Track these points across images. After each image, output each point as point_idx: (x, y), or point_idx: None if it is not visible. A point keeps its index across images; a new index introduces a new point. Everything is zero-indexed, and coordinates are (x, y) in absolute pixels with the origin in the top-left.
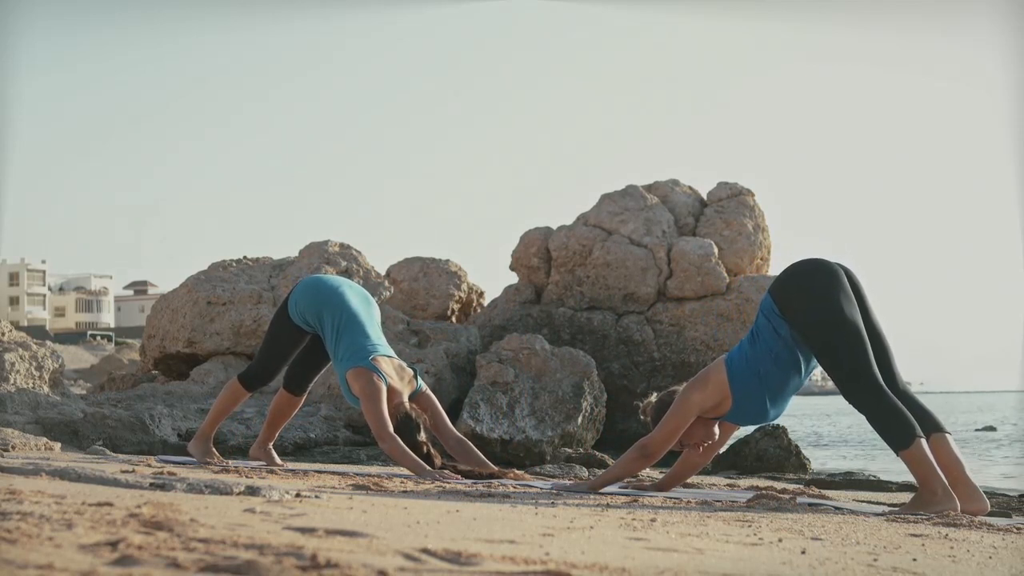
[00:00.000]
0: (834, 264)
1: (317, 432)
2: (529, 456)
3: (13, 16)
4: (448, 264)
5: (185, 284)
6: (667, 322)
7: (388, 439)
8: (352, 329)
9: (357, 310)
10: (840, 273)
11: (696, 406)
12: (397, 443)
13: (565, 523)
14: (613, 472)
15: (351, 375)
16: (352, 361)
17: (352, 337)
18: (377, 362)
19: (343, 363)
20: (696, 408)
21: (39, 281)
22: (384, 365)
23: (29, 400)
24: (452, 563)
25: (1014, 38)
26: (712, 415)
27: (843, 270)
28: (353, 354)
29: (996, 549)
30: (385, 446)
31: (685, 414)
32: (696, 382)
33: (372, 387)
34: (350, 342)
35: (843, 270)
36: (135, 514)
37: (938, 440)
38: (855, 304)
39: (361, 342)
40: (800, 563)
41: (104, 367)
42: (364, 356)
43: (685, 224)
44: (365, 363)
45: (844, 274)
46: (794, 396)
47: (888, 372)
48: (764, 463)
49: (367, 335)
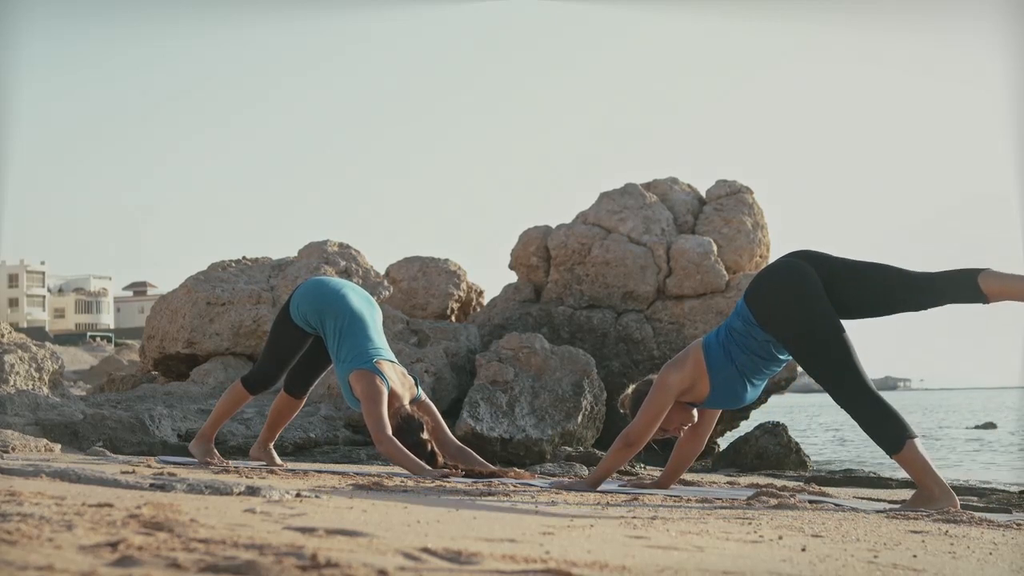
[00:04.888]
0: (801, 265)
1: (317, 432)
2: (529, 455)
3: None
4: (447, 263)
5: (184, 285)
6: (666, 320)
7: (386, 442)
8: (355, 332)
9: (360, 313)
10: (809, 274)
11: (675, 387)
12: (395, 445)
13: (565, 521)
14: (603, 466)
15: (353, 377)
16: (355, 363)
17: (354, 340)
18: (380, 365)
19: (345, 365)
20: (675, 389)
21: (38, 282)
22: (387, 369)
23: (29, 402)
24: (452, 562)
25: (1014, 38)
26: (689, 399)
27: (810, 259)
28: (356, 356)
29: (996, 545)
30: (383, 448)
31: (664, 396)
32: (673, 364)
33: (374, 389)
34: (352, 344)
35: (810, 259)
36: (135, 515)
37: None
38: (828, 304)
39: (364, 345)
40: (800, 560)
41: (104, 368)
42: (367, 359)
43: (684, 222)
44: (368, 365)
45: (812, 266)
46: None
47: (896, 276)
48: (764, 460)
49: (370, 338)
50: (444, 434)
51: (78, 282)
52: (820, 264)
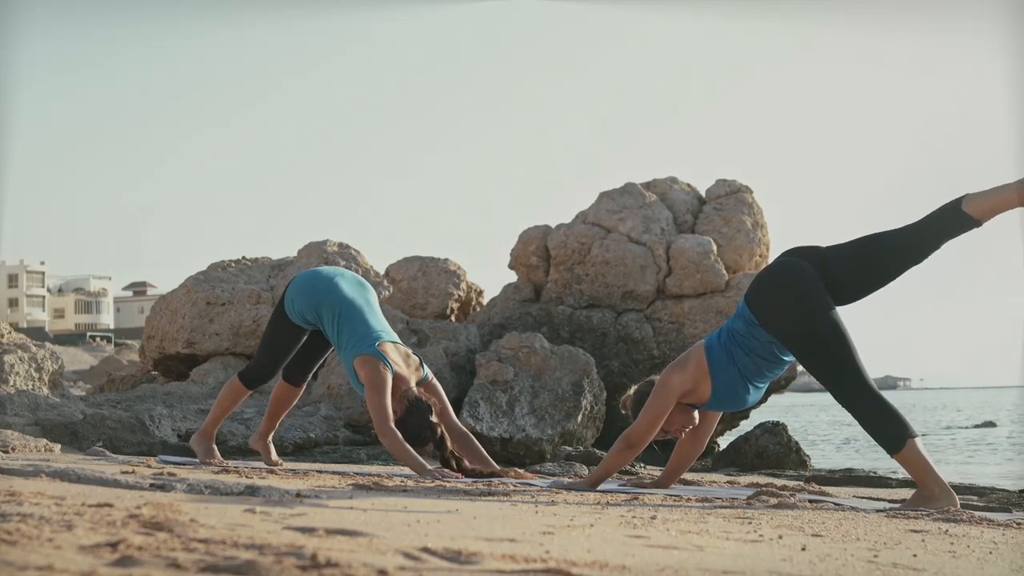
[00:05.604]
0: (800, 264)
1: (317, 432)
2: (529, 454)
3: (13, 16)
4: (447, 263)
5: (184, 285)
6: (666, 320)
7: (389, 433)
8: (352, 318)
9: (353, 299)
10: (808, 273)
11: (677, 388)
12: (397, 438)
13: (565, 521)
14: (604, 467)
15: (358, 362)
16: (358, 348)
17: (353, 325)
18: (383, 348)
19: (349, 352)
20: (677, 390)
21: (38, 283)
22: (390, 352)
23: (29, 402)
24: (452, 562)
25: (1014, 38)
26: (691, 400)
27: (804, 255)
28: (358, 341)
29: (996, 544)
30: (385, 440)
31: (666, 397)
32: (675, 365)
33: (377, 376)
34: (352, 331)
35: (804, 255)
36: (135, 515)
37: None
38: (830, 302)
39: (363, 329)
40: (800, 559)
41: (103, 368)
42: (370, 343)
43: (684, 221)
44: (371, 350)
45: (810, 263)
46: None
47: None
48: (764, 460)
49: (367, 322)
50: (450, 418)
51: (78, 282)
52: (814, 258)
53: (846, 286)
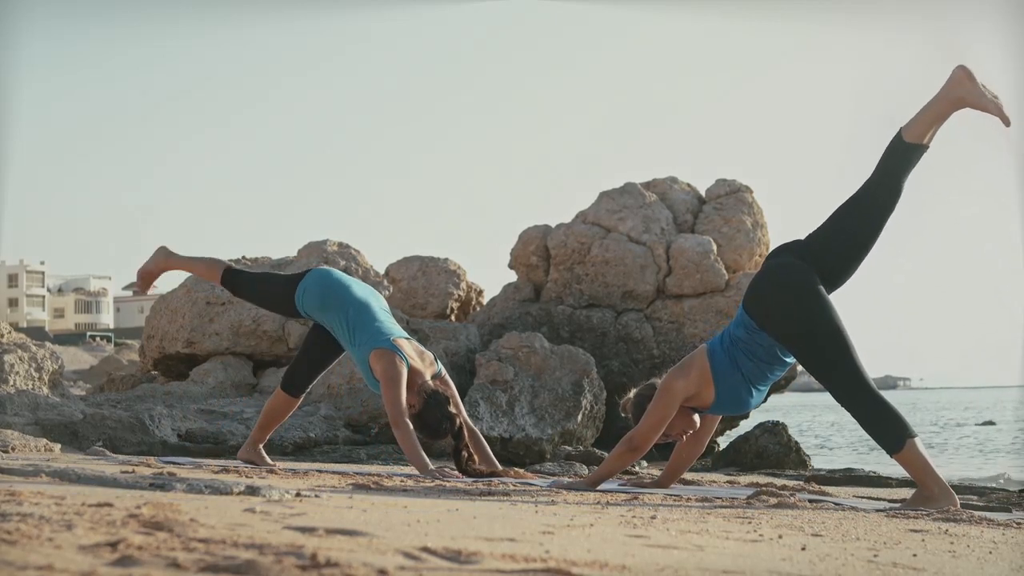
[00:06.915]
0: (795, 263)
1: (317, 432)
2: (529, 454)
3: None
4: (447, 263)
5: (184, 284)
6: (666, 319)
7: (403, 427)
8: (367, 317)
9: (366, 300)
10: (805, 272)
11: (680, 393)
12: (410, 433)
13: (565, 521)
14: (605, 468)
15: (373, 356)
16: (373, 342)
17: (367, 324)
18: (399, 343)
19: (364, 347)
20: (680, 395)
21: (38, 282)
22: (405, 347)
23: (29, 401)
24: (452, 561)
25: (1014, 38)
26: (693, 404)
27: (792, 252)
28: (372, 336)
29: (996, 544)
30: (399, 433)
31: (670, 402)
32: (678, 370)
33: (393, 370)
34: (365, 328)
35: (792, 252)
36: (135, 514)
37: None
38: (828, 301)
39: (378, 327)
40: (800, 559)
41: (103, 368)
42: (385, 337)
43: (684, 221)
44: (387, 344)
45: (805, 261)
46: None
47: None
48: (764, 460)
49: (382, 321)
50: (459, 411)
51: (78, 282)
52: (803, 253)
53: (841, 267)
